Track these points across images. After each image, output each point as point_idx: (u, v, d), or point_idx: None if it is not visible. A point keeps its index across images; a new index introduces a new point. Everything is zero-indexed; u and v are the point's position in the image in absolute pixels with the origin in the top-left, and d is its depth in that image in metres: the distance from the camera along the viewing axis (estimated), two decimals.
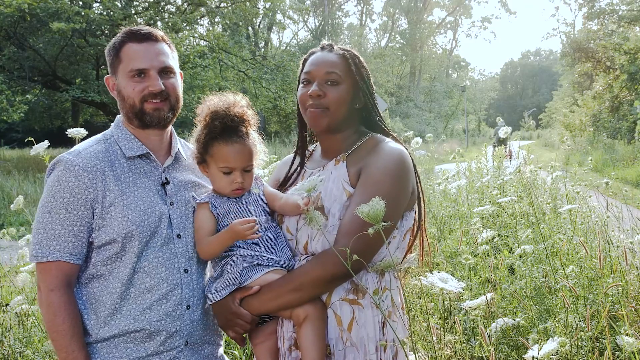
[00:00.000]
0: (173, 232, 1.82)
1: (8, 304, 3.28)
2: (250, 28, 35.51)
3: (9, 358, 2.97)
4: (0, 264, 3.65)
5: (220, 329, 1.93)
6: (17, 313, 3.21)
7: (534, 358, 1.66)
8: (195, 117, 1.90)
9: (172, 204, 1.83)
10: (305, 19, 49.80)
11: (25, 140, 3.57)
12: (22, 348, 3.00)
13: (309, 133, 2.10)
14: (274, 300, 1.75)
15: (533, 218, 3.76)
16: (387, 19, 59.03)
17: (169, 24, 19.83)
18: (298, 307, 1.74)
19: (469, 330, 2.94)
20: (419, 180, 1.93)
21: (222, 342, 1.99)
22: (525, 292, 3.12)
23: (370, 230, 1.48)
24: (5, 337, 3.10)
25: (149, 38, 1.82)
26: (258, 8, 25.51)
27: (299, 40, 48.41)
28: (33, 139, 3.04)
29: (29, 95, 19.88)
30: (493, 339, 2.47)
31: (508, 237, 4.30)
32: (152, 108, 1.81)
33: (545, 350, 1.67)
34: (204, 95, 1.94)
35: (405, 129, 28.68)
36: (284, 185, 2.03)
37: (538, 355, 1.66)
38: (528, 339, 1.98)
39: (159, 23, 20.44)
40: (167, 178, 1.86)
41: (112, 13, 18.64)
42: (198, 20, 24.37)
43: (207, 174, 1.89)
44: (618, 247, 3.30)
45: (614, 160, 17.00)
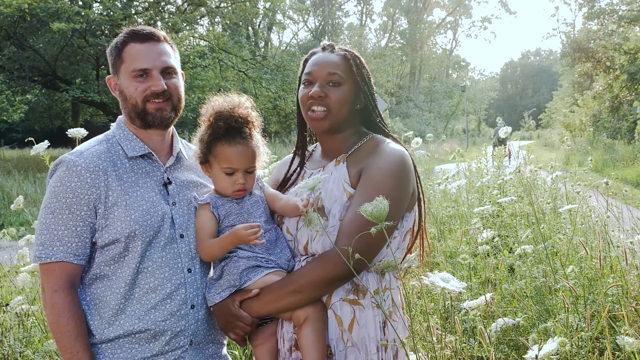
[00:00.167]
0: (176, 231, 1.82)
1: (8, 304, 3.28)
2: (250, 28, 35.50)
3: (9, 358, 2.97)
4: (0, 264, 3.64)
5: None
6: (17, 313, 3.21)
7: (535, 357, 1.66)
8: (195, 117, 1.90)
9: (174, 204, 1.83)
10: (305, 19, 49.82)
11: (25, 140, 3.57)
12: (22, 348, 3.00)
13: (309, 133, 2.10)
14: (274, 303, 1.75)
15: (533, 218, 3.76)
16: (387, 19, 59.03)
17: (169, 24, 19.83)
18: (298, 309, 1.74)
19: (469, 330, 2.94)
20: (420, 181, 1.93)
21: (225, 341, 1.99)
22: (525, 292, 3.12)
23: (373, 230, 1.48)
24: (5, 337, 3.10)
25: (151, 38, 1.82)
26: (258, 8, 25.52)
27: (299, 40, 48.42)
28: (33, 139, 3.04)
29: (29, 95, 19.87)
30: (493, 339, 2.47)
31: (508, 237, 4.30)
32: (154, 108, 1.80)
33: (546, 351, 1.67)
34: (204, 96, 1.94)
35: (405, 129, 28.66)
36: (284, 186, 2.03)
37: (538, 356, 1.66)
38: (528, 339, 1.98)
39: (159, 23, 20.44)
40: (169, 178, 1.86)
41: (112, 13, 18.65)
42: (198, 20, 24.38)
43: (209, 174, 1.89)
44: (618, 247, 3.30)
45: (614, 160, 17.00)
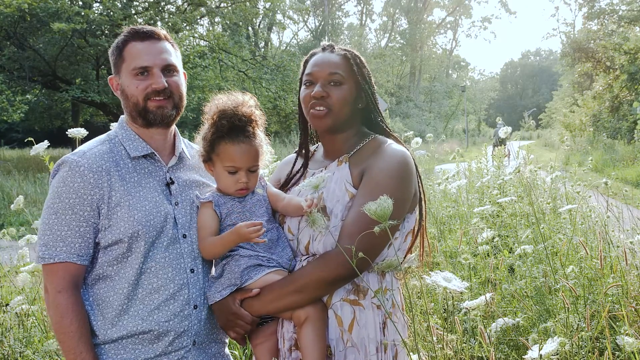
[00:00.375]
0: (178, 232, 1.81)
1: (8, 304, 3.28)
2: (250, 28, 35.50)
3: (9, 358, 2.97)
4: (0, 264, 3.64)
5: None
6: (17, 313, 3.21)
7: (540, 357, 1.66)
8: (195, 117, 1.90)
9: (177, 204, 1.83)
10: (305, 19, 49.81)
11: (25, 141, 3.57)
12: (22, 348, 3.00)
13: (311, 134, 2.10)
14: (275, 302, 1.75)
15: (533, 218, 3.76)
16: (387, 19, 59.02)
17: (169, 24, 19.83)
18: (299, 308, 1.74)
19: (469, 330, 2.94)
20: (421, 182, 1.93)
21: (227, 340, 1.99)
22: (525, 292, 3.12)
23: (377, 229, 1.47)
24: (5, 337, 3.09)
25: (152, 36, 1.82)
26: (258, 8, 25.51)
27: (299, 40, 48.41)
28: (33, 139, 3.04)
29: (29, 96, 19.88)
30: (493, 339, 2.47)
31: (508, 237, 4.30)
32: (155, 106, 1.80)
33: (546, 351, 1.67)
34: (204, 96, 1.94)
35: (405, 129, 28.66)
36: (286, 186, 2.03)
37: (538, 356, 1.65)
38: (528, 339, 1.98)
39: (159, 23, 20.44)
40: (171, 178, 1.86)
41: (112, 13, 18.65)
42: (198, 20, 24.37)
43: (212, 173, 1.89)
44: (618, 247, 3.31)
45: (614, 160, 17.00)
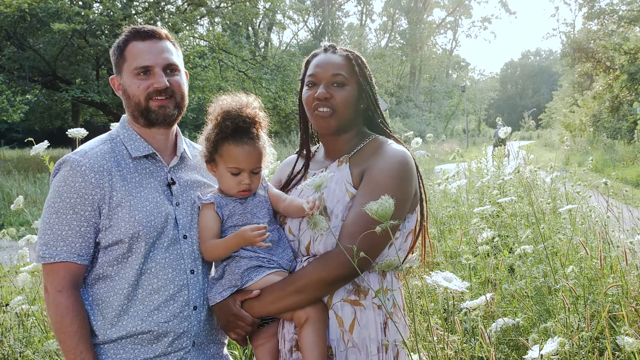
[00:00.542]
0: (179, 232, 1.81)
1: (8, 304, 3.27)
2: (250, 28, 35.49)
3: (9, 358, 2.97)
4: (0, 264, 3.64)
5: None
6: (17, 313, 3.21)
7: (540, 357, 1.66)
8: (195, 117, 1.90)
9: (177, 205, 1.83)
10: (305, 19, 49.80)
11: (25, 141, 3.57)
12: (22, 348, 3.00)
13: (311, 134, 2.09)
14: (276, 303, 1.75)
15: (533, 218, 3.76)
16: (387, 19, 59.02)
17: (169, 24, 19.81)
18: (299, 309, 1.74)
19: (469, 331, 2.94)
20: (422, 182, 1.93)
21: (226, 341, 1.99)
22: (526, 292, 3.12)
23: (378, 228, 1.47)
24: (5, 337, 3.09)
25: (153, 36, 1.82)
26: (258, 8, 25.50)
27: (299, 41, 48.42)
28: (33, 139, 3.04)
29: (29, 96, 19.86)
30: (493, 339, 2.47)
31: (508, 237, 4.30)
32: (157, 105, 1.80)
33: (546, 351, 1.67)
34: (204, 96, 1.94)
35: (405, 129, 28.66)
36: (287, 187, 2.03)
37: (538, 356, 1.66)
38: (528, 339, 1.98)
39: (159, 23, 20.42)
40: (172, 178, 1.86)
41: (112, 13, 18.64)
42: (198, 20, 24.36)
43: (214, 173, 1.89)
44: (618, 247, 3.31)
45: (614, 161, 17.00)
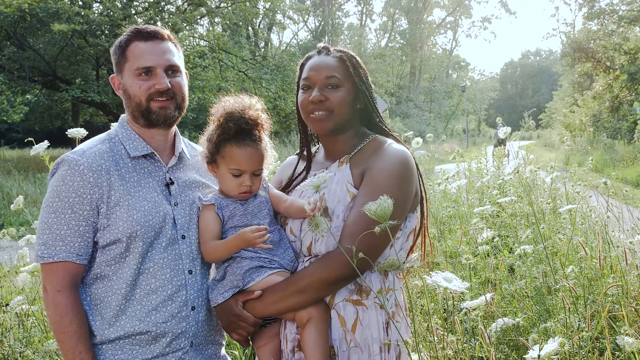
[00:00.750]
0: (177, 232, 1.81)
1: (8, 304, 3.27)
2: (250, 28, 35.50)
3: (9, 358, 2.97)
4: (0, 264, 3.64)
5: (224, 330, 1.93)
6: (17, 313, 3.21)
7: (538, 357, 1.66)
8: (195, 117, 1.90)
9: (176, 205, 1.83)
10: (305, 19, 49.80)
11: (25, 141, 3.57)
12: (22, 348, 3.00)
13: (310, 135, 2.09)
14: (278, 303, 1.75)
15: (533, 218, 3.76)
16: (387, 19, 59.01)
17: (169, 24, 19.80)
18: (301, 309, 1.74)
19: (469, 331, 2.94)
20: (422, 182, 1.93)
21: (224, 341, 1.99)
22: (526, 292, 3.12)
23: (377, 229, 1.47)
24: (5, 337, 3.09)
25: (155, 36, 1.82)
26: (258, 8, 25.49)
27: (299, 41, 48.41)
28: (33, 139, 3.04)
29: (29, 96, 19.85)
30: (493, 339, 2.47)
31: (508, 237, 4.30)
32: (158, 106, 1.80)
33: (546, 351, 1.67)
34: (204, 96, 1.93)
35: (405, 129, 28.66)
36: (288, 188, 2.02)
37: (538, 356, 1.65)
38: (528, 339, 1.98)
39: (159, 23, 20.41)
40: (171, 178, 1.86)
41: (112, 13, 18.63)
42: (198, 20, 24.36)
43: (215, 174, 1.89)
44: (618, 247, 3.30)
45: (614, 161, 17.01)
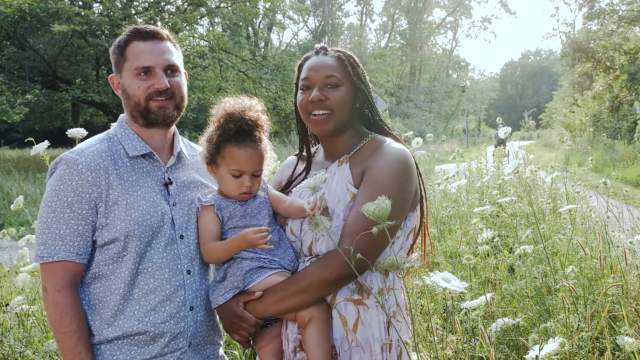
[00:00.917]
0: (176, 232, 1.81)
1: (8, 304, 3.28)
2: (250, 28, 35.50)
3: (9, 358, 2.97)
4: (0, 264, 3.64)
5: (224, 330, 1.93)
6: (17, 313, 3.21)
7: (536, 358, 1.66)
8: (195, 117, 1.90)
9: (174, 205, 1.83)
10: (305, 19, 49.80)
11: (26, 141, 3.57)
12: (22, 348, 3.00)
13: (310, 135, 2.09)
14: (279, 303, 1.75)
15: (533, 218, 3.76)
16: (387, 19, 59.02)
17: (169, 24, 19.80)
18: (302, 309, 1.74)
19: (469, 331, 2.94)
20: (422, 180, 1.93)
21: (222, 341, 1.99)
22: (525, 292, 3.12)
23: (375, 230, 1.47)
24: (5, 337, 3.09)
25: (155, 36, 1.82)
26: (258, 8, 25.49)
27: (299, 41, 48.42)
28: (33, 139, 3.04)
29: (29, 96, 19.85)
30: (493, 339, 2.47)
31: (508, 237, 4.30)
32: (157, 106, 1.80)
33: (546, 351, 1.67)
34: (204, 96, 1.93)
35: (405, 129, 28.66)
36: (287, 189, 2.02)
37: (539, 356, 1.65)
38: (528, 339, 1.98)
39: (159, 23, 20.42)
40: (170, 178, 1.86)
41: (112, 13, 18.63)
42: (198, 21, 24.36)
43: (214, 175, 1.88)
44: (618, 247, 3.31)
45: (614, 161, 17.01)
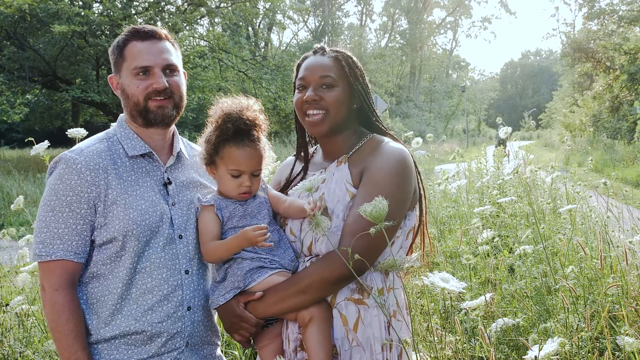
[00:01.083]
0: (175, 232, 1.81)
1: (8, 304, 3.28)
2: (250, 28, 35.51)
3: (9, 358, 2.97)
4: (0, 264, 3.64)
5: (223, 331, 1.93)
6: (17, 313, 3.21)
7: (535, 358, 1.66)
8: (195, 117, 1.90)
9: (173, 205, 1.83)
10: (305, 19, 49.80)
11: (26, 141, 3.57)
12: (22, 348, 3.00)
13: (308, 135, 2.09)
14: (279, 303, 1.75)
15: (533, 218, 3.76)
16: (387, 19, 59.02)
17: (169, 24, 19.80)
18: (303, 309, 1.74)
19: (469, 331, 2.94)
20: (421, 179, 1.93)
21: (220, 342, 2.00)
22: (525, 292, 3.12)
23: (372, 230, 1.47)
24: (5, 337, 3.10)
25: (153, 36, 1.82)
26: (258, 8, 25.49)
27: (299, 41, 48.42)
28: (33, 139, 3.05)
29: (29, 96, 19.84)
30: (493, 339, 2.47)
31: (508, 237, 4.30)
32: (156, 106, 1.80)
33: (546, 351, 1.67)
34: (204, 96, 1.94)
35: (405, 129, 28.67)
36: (286, 189, 2.02)
37: (538, 356, 1.65)
38: (528, 339, 1.98)
39: (159, 23, 20.41)
40: (169, 178, 1.86)
41: (112, 13, 18.64)
42: (198, 21, 24.36)
43: (214, 176, 1.88)
44: (618, 247, 3.30)
45: (614, 161, 17.01)
